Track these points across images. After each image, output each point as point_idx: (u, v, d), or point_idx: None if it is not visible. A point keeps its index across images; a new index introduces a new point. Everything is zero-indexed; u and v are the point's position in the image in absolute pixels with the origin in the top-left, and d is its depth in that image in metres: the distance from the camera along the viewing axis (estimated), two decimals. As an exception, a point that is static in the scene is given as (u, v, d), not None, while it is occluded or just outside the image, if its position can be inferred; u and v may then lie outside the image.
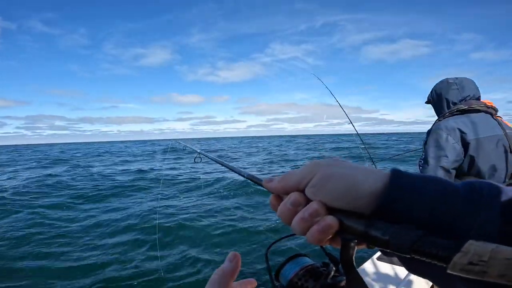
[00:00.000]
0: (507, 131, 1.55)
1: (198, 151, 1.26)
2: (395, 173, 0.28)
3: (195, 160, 1.29)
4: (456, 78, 1.68)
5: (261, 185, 0.36)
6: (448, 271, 0.20)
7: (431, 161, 1.55)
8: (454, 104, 1.64)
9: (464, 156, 1.52)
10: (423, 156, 1.63)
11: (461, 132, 1.52)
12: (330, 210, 0.28)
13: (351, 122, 3.29)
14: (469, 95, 1.63)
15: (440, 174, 1.51)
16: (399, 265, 2.10)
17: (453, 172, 1.55)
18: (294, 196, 0.30)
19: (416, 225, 0.24)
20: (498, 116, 1.65)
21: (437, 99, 1.73)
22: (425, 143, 1.66)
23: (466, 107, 1.59)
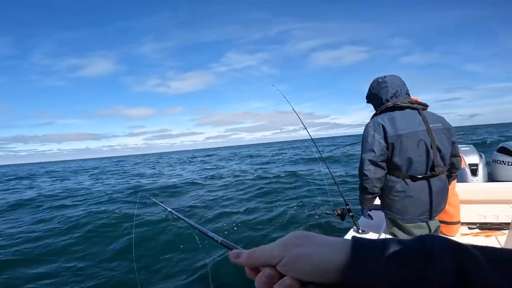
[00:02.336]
0: (431, 125, 1.69)
1: (169, 209, 1.22)
2: (356, 245, 0.31)
3: (167, 218, 1.28)
4: (385, 76, 1.84)
5: (228, 255, 0.38)
6: None
7: (363, 155, 1.72)
8: (387, 101, 1.78)
9: (387, 150, 1.68)
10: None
11: (384, 128, 1.67)
12: (302, 283, 0.32)
13: (305, 128, 3.47)
14: (396, 91, 1.78)
15: (370, 166, 1.69)
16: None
17: (383, 164, 1.70)
18: (268, 271, 0.34)
19: None
20: (423, 108, 1.76)
21: (373, 98, 1.88)
22: None
23: (391, 104, 1.74)
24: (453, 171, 1.87)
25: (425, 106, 1.79)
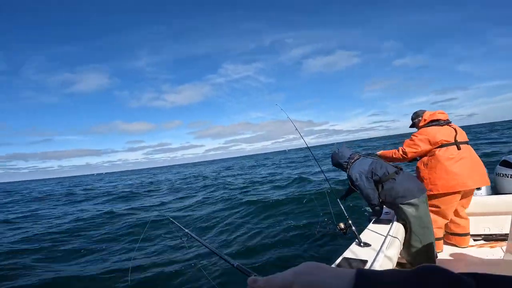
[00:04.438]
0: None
1: (186, 230, 1.25)
2: (358, 276, 0.37)
3: (182, 239, 1.32)
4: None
5: (247, 281, 0.43)
6: None
7: None
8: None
9: None
10: None
11: None
12: None
13: (303, 139, 3.56)
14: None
15: None
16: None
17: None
18: None
19: None
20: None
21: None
22: None
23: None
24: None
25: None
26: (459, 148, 2.61)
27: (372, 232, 2.31)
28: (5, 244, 6.18)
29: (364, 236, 2.33)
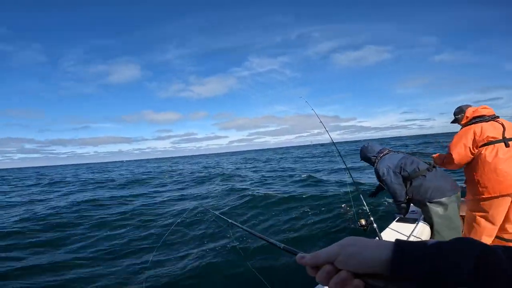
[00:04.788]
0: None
1: (230, 221, 1.29)
2: (399, 244, 0.41)
3: (227, 227, 1.31)
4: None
5: (296, 258, 0.49)
6: None
7: None
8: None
9: None
10: None
11: None
12: (356, 275, 0.42)
13: (328, 134, 3.49)
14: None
15: None
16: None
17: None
18: (327, 267, 0.44)
19: (419, 281, 0.38)
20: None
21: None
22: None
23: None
24: None
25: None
26: (507, 146, 2.33)
27: (395, 231, 2.26)
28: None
29: (386, 234, 2.28)
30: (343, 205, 5.49)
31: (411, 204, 2.63)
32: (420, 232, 2.18)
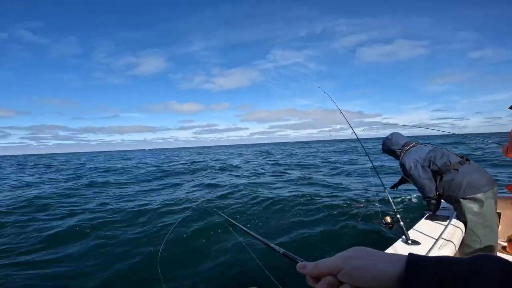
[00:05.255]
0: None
1: (232, 221, 1.32)
2: (411, 260, 0.37)
3: (229, 227, 1.47)
4: None
5: (296, 267, 0.45)
6: None
7: None
8: None
9: None
10: None
11: None
12: None
13: (353, 130, 3.34)
14: None
15: None
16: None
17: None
18: (329, 278, 0.40)
19: None
20: None
21: None
22: None
23: None
24: None
25: None
26: None
27: (424, 229, 2.13)
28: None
29: (413, 233, 2.16)
30: (362, 203, 5.27)
31: (442, 200, 2.47)
32: (453, 230, 2.03)
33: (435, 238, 1.97)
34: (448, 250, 1.83)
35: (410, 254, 0.38)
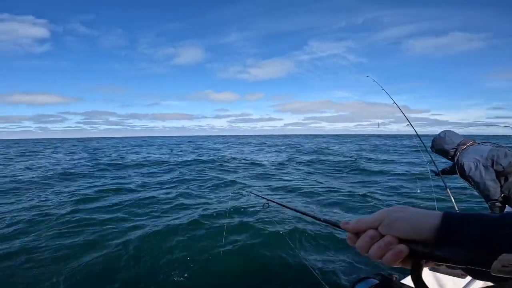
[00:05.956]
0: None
1: (267, 198, 1.22)
2: (446, 213, 0.40)
3: (264, 207, 1.27)
4: None
5: (339, 227, 0.48)
6: (491, 273, 0.31)
7: None
8: None
9: None
10: None
11: None
12: (400, 241, 0.40)
13: (410, 124, 3.25)
14: None
15: None
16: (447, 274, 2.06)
17: None
18: (371, 232, 0.42)
19: (465, 246, 0.36)
20: None
21: None
22: None
23: None
24: None
25: None
26: None
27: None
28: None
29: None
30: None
31: (507, 205, 2.39)
32: None
33: None
34: None
35: (445, 211, 0.40)
